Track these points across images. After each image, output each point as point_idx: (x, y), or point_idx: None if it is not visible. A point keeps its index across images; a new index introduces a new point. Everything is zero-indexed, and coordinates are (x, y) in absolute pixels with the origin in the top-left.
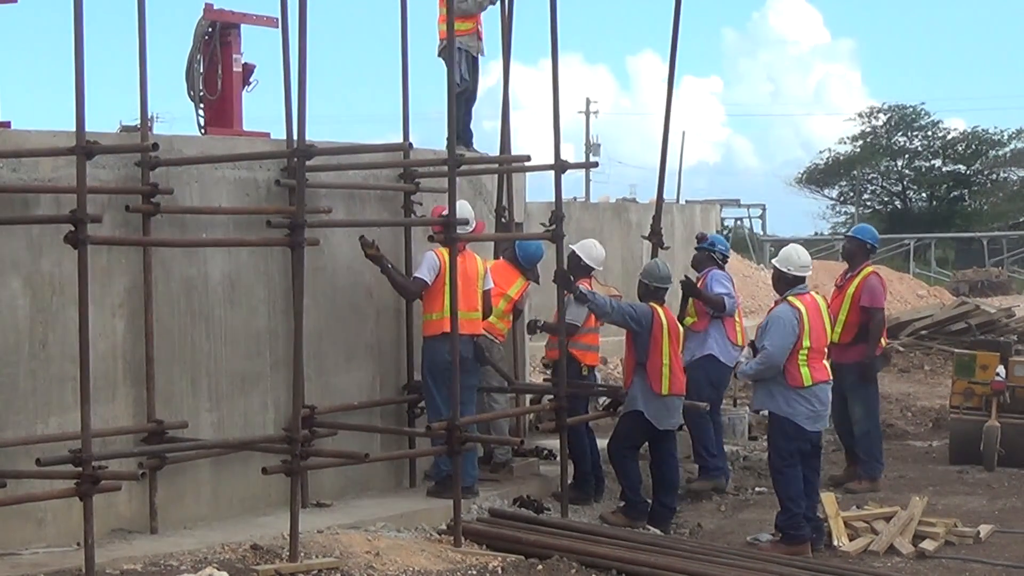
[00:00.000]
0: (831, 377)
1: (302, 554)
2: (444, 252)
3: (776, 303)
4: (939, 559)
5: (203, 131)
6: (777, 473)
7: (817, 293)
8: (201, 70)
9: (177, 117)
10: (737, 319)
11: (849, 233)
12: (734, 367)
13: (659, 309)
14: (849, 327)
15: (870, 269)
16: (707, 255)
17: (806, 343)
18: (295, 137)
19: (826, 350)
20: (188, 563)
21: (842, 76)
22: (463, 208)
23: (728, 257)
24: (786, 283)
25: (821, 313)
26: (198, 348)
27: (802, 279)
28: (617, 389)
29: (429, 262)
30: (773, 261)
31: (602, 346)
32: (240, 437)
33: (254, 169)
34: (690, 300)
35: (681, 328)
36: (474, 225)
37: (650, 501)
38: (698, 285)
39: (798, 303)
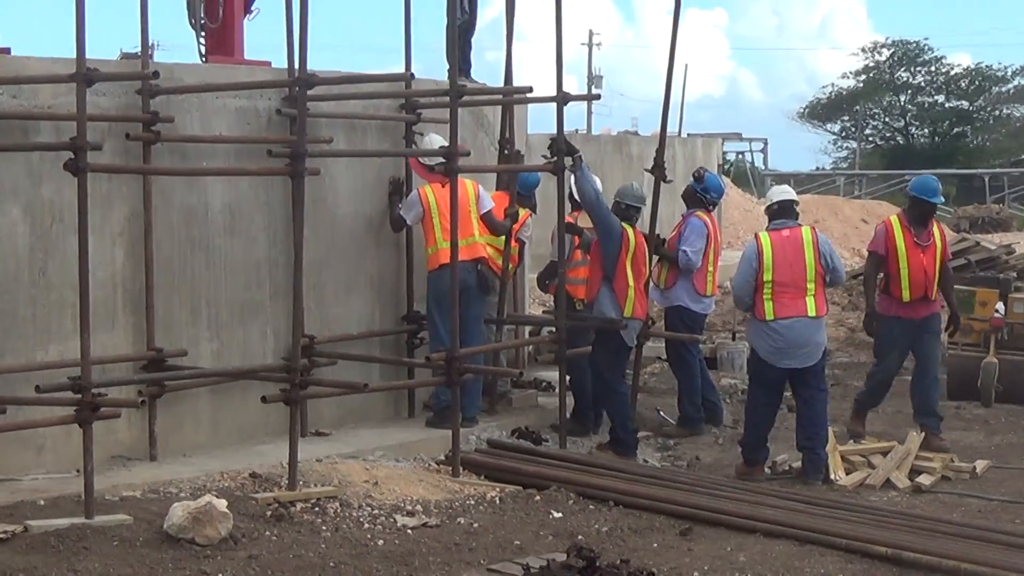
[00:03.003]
0: (815, 314)
1: (301, 483)
2: (427, 189)
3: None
4: (935, 494)
5: (204, 59)
6: (746, 396)
7: (810, 227)
8: None
9: (178, 45)
10: (711, 268)
11: (935, 202)
12: (707, 315)
13: (629, 229)
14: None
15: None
16: (697, 196)
17: (767, 277)
18: (296, 66)
19: (810, 285)
20: (187, 490)
21: (848, 10)
22: (435, 140)
23: (717, 203)
24: (768, 216)
25: (801, 248)
26: (198, 277)
27: (785, 213)
28: (615, 321)
29: (410, 201)
30: None
31: None
32: (239, 366)
33: (255, 98)
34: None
35: (647, 256)
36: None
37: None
38: (677, 227)
39: (764, 238)
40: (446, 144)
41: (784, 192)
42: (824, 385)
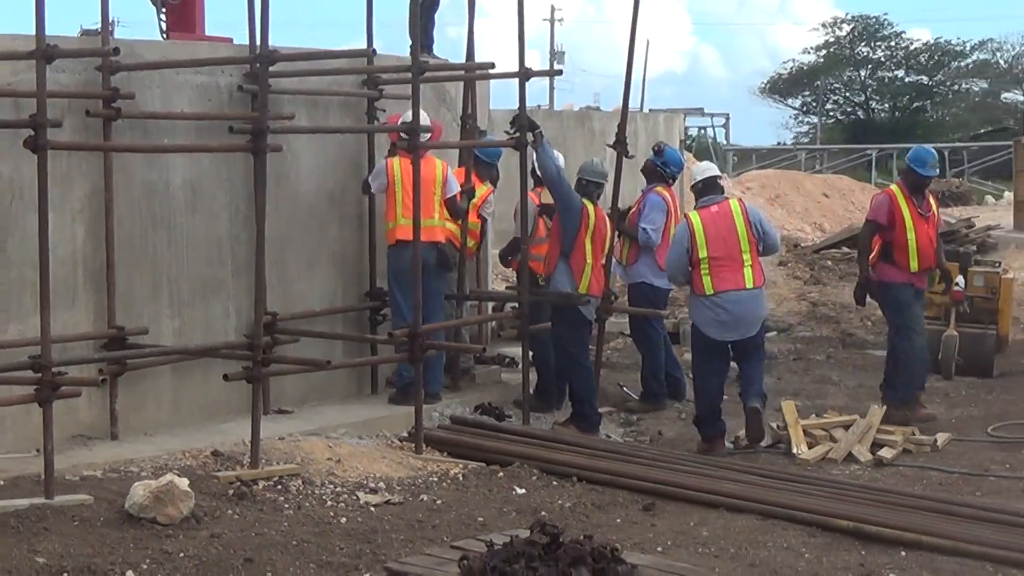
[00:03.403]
0: (752, 285)
1: (263, 460)
2: (395, 161)
3: None
4: (897, 467)
5: (165, 36)
6: (692, 373)
7: (737, 199)
8: None
9: (138, 21)
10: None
11: (931, 174)
12: (670, 290)
13: (590, 206)
14: None
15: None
16: (657, 171)
17: (702, 254)
18: (258, 42)
19: (745, 257)
20: (148, 469)
21: None
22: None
23: (677, 177)
24: (695, 194)
25: (731, 221)
26: (159, 254)
27: (711, 189)
28: (577, 297)
29: (377, 170)
30: None
31: None
32: (201, 344)
33: (216, 74)
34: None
35: (607, 233)
36: (432, 131)
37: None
38: (637, 203)
39: (694, 217)
40: (427, 119)
41: (707, 169)
42: (763, 354)
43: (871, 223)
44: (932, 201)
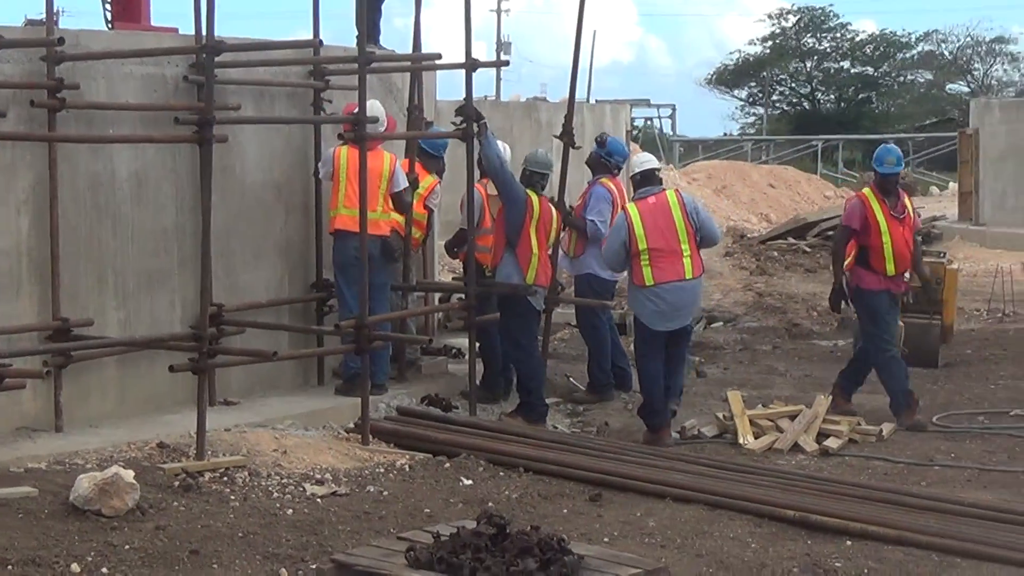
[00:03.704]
0: (692, 276)
1: (209, 452)
2: (343, 149)
3: None
4: (842, 456)
5: (110, 26)
6: (636, 364)
7: (675, 190)
8: None
9: (83, 11)
10: None
11: (892, 171)
12: (616, 281)
13: (534, 196)
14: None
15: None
16: (602, 162)
17: (641, 246)
18: (204, 33)
19: (684, 247)
20: (94, 461)
21: None
22: (375, 107)
23: (622, 167)
24: (633, 185)
25: (669, 212)
26: (104, 245)
27: (648, 181)
28: (525, 288)
29: (325, 157)
30: None
31: None
32: (147, 335)
33: (162, 65)
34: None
35: (553, 224)
36: (386, 124)
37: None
38: (583, 195)
39: (632, 209)
40: (382, 109)
41: (646, 162)
42: (688, 341)
43: (844, 228)
44: (907, 202)
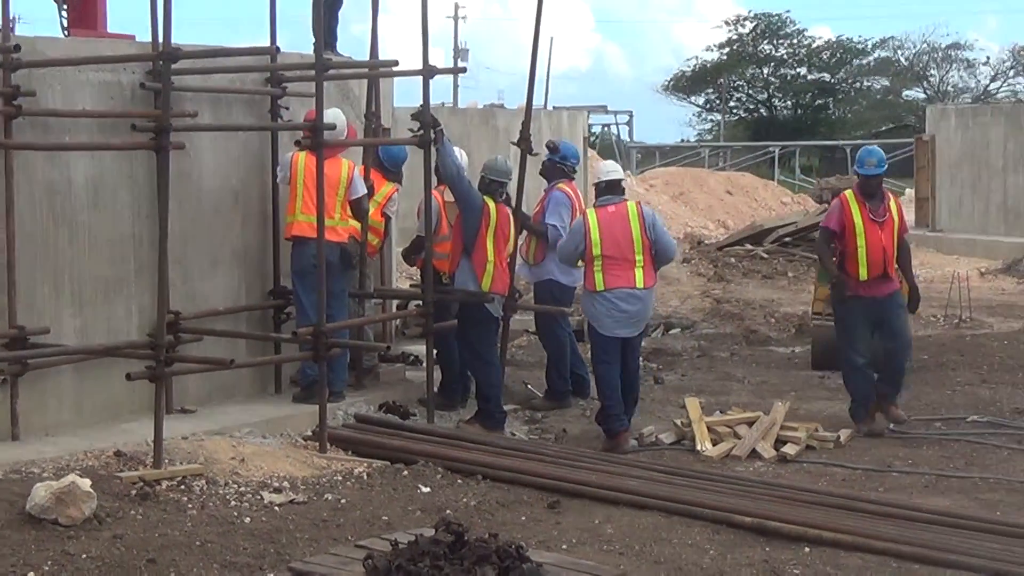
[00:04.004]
0: (643, 286)
1: (166, 460)
2: (301, 155)
3: None
4: (800, 463)
5: (66, 33)
6: (593, 370)
7: (636, 202)
8: None
9: (40, 18)
10: None
11: (873, 173)
12: (576, 287)
13: (491, 204)
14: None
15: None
16: (558, 167)
17: (596, 252)
18: (160, 40)
19: (637, 258)
20: (50, 470)
21: None
22: (337, 115)
23: (577, 168)
24: (597, 192)
25: (627, 222)
26: (61, 253)
27: (611, 190)
28: (482, 295)
29: (283, 162)
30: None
31: None
32: (104, 343)
33: (119, 72)
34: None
35: (511, 231)
36: (346, 132)
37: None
38: (540, 202)
39: (591, 215)
40: (343, 118)
41: (612, 172)
42: (639, 352)
43: (823, 230)
44: (892, 206)
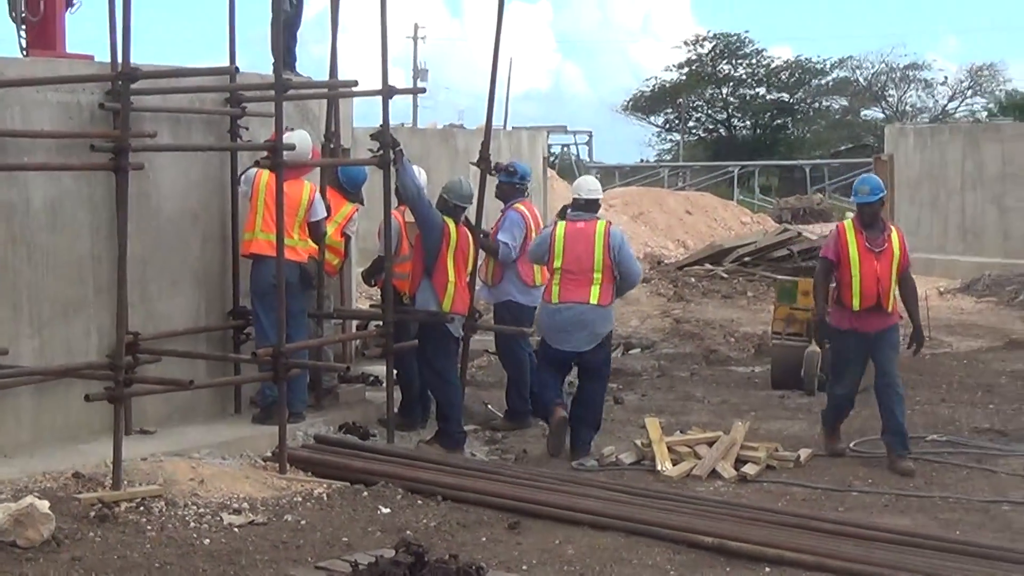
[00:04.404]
0: (596, 302)
1: (125, 482)
2: (263, 173)
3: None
4: (760, 483)
5: (25, 53)
6: (532, 379)
7: (606, 222)
8: None
9: None
10: None
11: (866, 201)
12: (536, 307)
13: (451, 225)
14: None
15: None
16: (516, 187)
17: (556, 264)
18: (119, 60)
19: (596, 275)
20: (8, 492)
21: (670, 3)
22: (303, 137)
23: (529, 184)
24: (574, 207)
25: (592, 240)
26: (19, 274)
27: (587, 208)
28: (442, 316)
29: (246, 176)
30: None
31: None
32: (62, 364)
33: (77, 92)
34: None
35: (471, 251)
36: (310, 154)
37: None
38: (496, 223)
39: (559, 226)
40: (309, 140)
41: (593, 191)
42: (603, 373)
43: (822, 260)
44: (893, 237)
